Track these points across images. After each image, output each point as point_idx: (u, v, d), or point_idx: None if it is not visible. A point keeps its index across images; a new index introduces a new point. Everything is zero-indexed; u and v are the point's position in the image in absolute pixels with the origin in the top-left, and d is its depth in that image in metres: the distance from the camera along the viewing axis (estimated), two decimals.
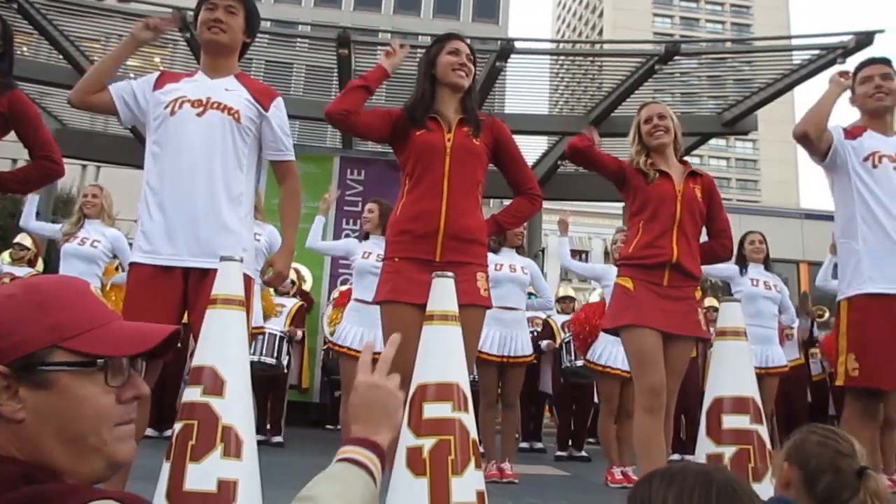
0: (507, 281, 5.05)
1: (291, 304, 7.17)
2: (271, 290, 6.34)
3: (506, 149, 3.02)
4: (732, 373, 2.43)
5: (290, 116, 2.97)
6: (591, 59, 10.87)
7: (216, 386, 2.06)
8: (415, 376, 2.15)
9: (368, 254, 4.98)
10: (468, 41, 3.02)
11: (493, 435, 5.09)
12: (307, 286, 8.47)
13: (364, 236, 5.19)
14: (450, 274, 2.27)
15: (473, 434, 2.11)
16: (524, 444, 7.47)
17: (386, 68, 2.95)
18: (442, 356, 2.19)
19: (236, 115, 2.66)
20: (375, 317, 3.06)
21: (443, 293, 2.25)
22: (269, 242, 5.25)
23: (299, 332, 7.16)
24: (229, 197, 2.63)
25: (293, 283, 7.42)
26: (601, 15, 73.36)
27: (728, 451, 2.31)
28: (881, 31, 8.37)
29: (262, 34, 9.86)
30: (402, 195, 2.91)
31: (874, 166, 3.02)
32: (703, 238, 3.34)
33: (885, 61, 3.20)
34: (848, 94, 3.21)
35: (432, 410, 2.10)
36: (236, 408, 2.06)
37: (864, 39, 8.49)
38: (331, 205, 5.44)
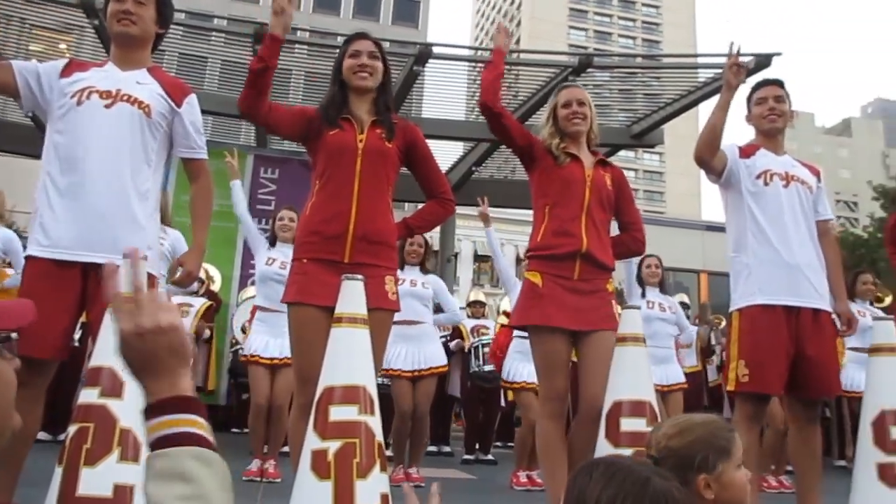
0: (408, 296, 5.04)
1: (199, 304, 6.99)
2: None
3: (419, 152, 3.01)
4: (631, 378, 2.53)
5: (203, 112, 2.89)
6: (507, 67, 11.02)
7: (114, 387, 2.00)
8: (322, 379, 2.15)
9: (273, 260, 4.88)
10: (374, 39, 2.97)
11: (406, 441, 5.11)
12: (216, 287, 8.27)
13: (272, 241, 5.07)
14: (359, 276, 2.27)
15: (379, 437, 2.12)
16: (432, 448, 7.49)
17: (278, 34, 2.75)
18: (350, 359, 2.19)
19: (147, 110, 2.58)
20: (280, 323, 3.00)
21: (352, 295, 2.26)
22: (172, 248, 5.05)
23: (207, 330, 6.99)
24: (137, 192, 2.56)
25: (202, 282, 7.24)
26: (519, 24, 74.54)
27: (625, 454, 2.40)
28: (778, 54, 8.83)
29: (177, 26, 9.56)
30: (312, 195, 2.87)
31: (766, 184, 3.16)
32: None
33: (779, 84, 3.35)
34: (744, 113, 3.36)
35: (339, 413, 2.11)
36: (135, 410, 2.00)
37: (763, 61, 8.94)
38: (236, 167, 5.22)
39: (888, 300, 7.22)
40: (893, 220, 3.80)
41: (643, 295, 5.59)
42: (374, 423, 2.13)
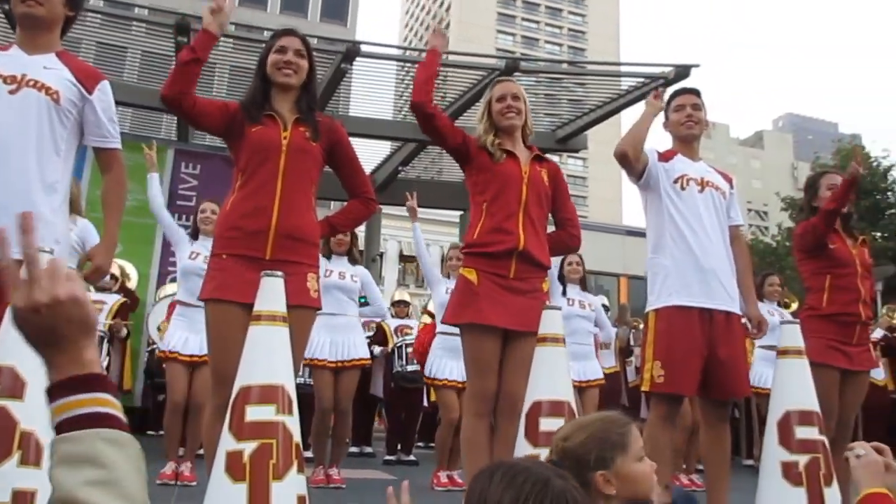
0: (335, 288, 5.00)
1: (112, 301, 6.75)
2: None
3: (342, 151, 2.98)
4: (551, 378, 2.56)
5: (122, 104, 2.80)
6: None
7: (15, 388, 1.90)
8: (238, 378, 2.09)
9: (196, 254, 4.76)
10: (303, 37, 2.92)
11: (326, 440, 5.04)
12: (132, 284, 8.00)
13: (194, 235, 4.94)
14: (279, 273, 2.23)
15: (297, 437, 2.08)
16: (354, 449, 7.44)
17: (213, 31, 2.71)
18: (268, 358, 2.15)
19: (55, 96, 2.46)
20: (201, 320, 2.91)
21: (271, 293, 2.21)
22: (81, 238, 4.85)
23: (125, 329, 6.75)
24: (43, 183, 2.43)
25: (116, 279, 6.99)
26: (447, 26, 74.84)
27: (543, 453, 2.42)
28: (696, 66, 9.18)
29: (94, 14, 9.23)
30: (233, 191, 2.80)
31: (682, 188, 3.25)
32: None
33: (696, 92, 3.46)
34: (662, 119, 3.45)
35: (255, 413, 2.06)
36: (37, 412, 1.91)
37: (682, 71, 9.27)
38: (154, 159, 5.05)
39: (794, 305, 7.55)
40: (801, 228, 3.96)
41: (564, 293, 5.67)
42: (293, 423, 2.08)
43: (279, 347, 2.16)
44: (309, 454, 5.42)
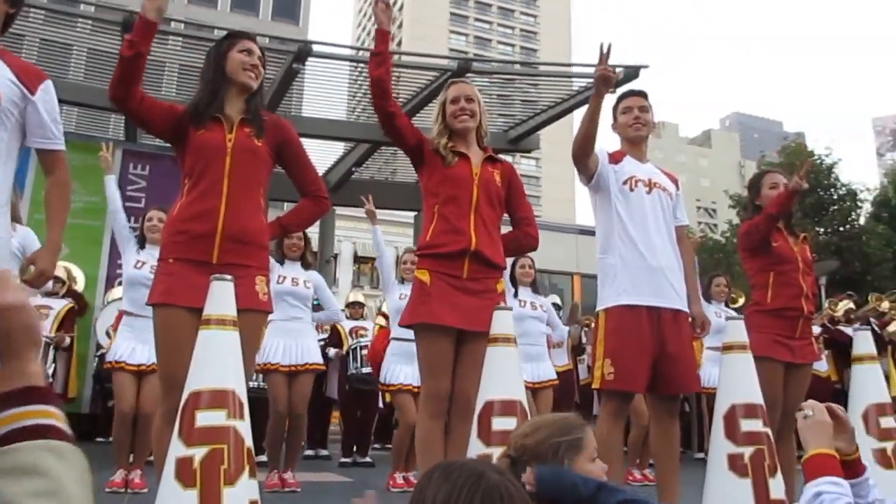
0: (288, 294, 4.97)
1: (60, 305, 6.59)
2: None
3: (291, 150, 2.95)
4: (502, 377, 2.58)
5: (68, 103, 2.74)
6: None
7: None
8: (188, 383, 2.07)
9: (142, 263, 4.69)
10: (259, 45, 2.92)
11: (281, 444, 4.99)
12: (79, 287, 7.81)
13: (140, 244, 4.86)
14: (228, 277, 2.21)
15: (248, 442, 2.06)
16: (309, 452, 7.39)
17: (151, 17, 2.60)
18: (218, 362, 2.12)
19: None
20: (148, 329, 2.85)
21: (220, 296, 2.19)
22: (22, 245, 4.73)
23: (67, 339, 6.60)
24: None
25: (63, 283, 6.83)
26: (400, 26, 74.77)
27: (496, 452, 2.45)
28: (645, 67, 9.32)
29: (38, 10, 8.97)
30: (181, 195, 2.77)
31: (631, 189, 3.30)
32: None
33: (644, 95, 3.52)
34: (610, 121, 3.51)
35: (206, 418, 2.03)
36: None
37: (632, 73, 9.40)
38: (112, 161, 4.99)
39: (741, 301, 7.73)
40: (745, 227, 4.06)
41: (516, 294, 5.72)
42: (244, 427, 2.07)
43: (229, 351, 2.14)
44: (263, 458, 5.38)
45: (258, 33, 3.08)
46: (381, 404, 7.22)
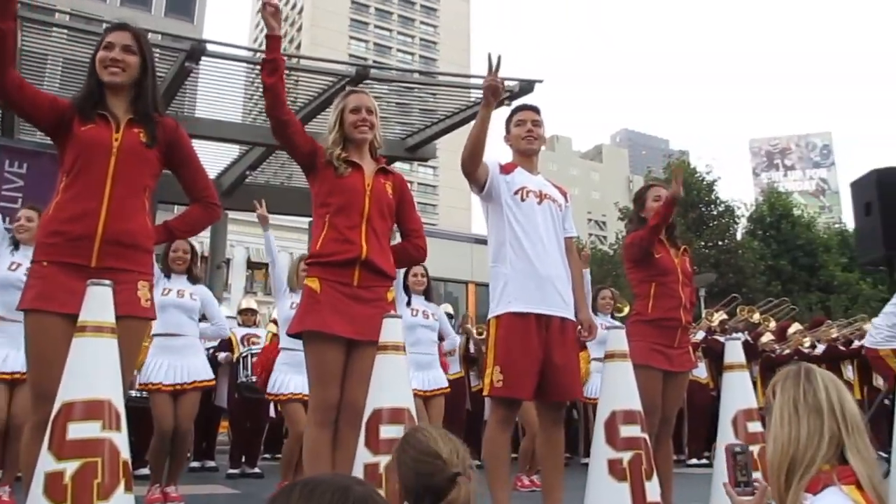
0: (174, 307, 4.81)
1: None
2: None
3: (181, 153, 2.85)
4: (391, 386, 2.59)
5: None
6: (287, 72, 10.87)
7: None
8: (60, 394, 1.96)
9: (17, 265, 4.42)
10: (136, 31, 2.75)
11: (164, 458, 4.81)
12: None
13: (15, 245, 4.59)
14: (106, 282, 2.11)
15: (125, 455, 1.98)
16: (195, 463, 7.16)
17: None
18: (93, 371, 2.03)
19: None
20: (22, 334, 2.69)
21: (97, 302, 2.09)
22: None
23: None
24: None
25: None
26: (300, 29, 73.82)
27: (383, 460, 2.45)
28: (540, 81, 9.58)
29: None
30: (56, 193, 2.61)
31: (522, 200, 3.38)
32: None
33: (537, 110, 3.61)
34: (503, 132, 3.59)
35: (78, 430, 1.94)
36: None
37: (527, 86, 9.64)
38: None
39: (626, 310, 8.04)
40: (630, 239, 4.23)
41: (409, 303, 5.73)
42: (120, 439, 1.98)
43: (106, 360, 2.04)
44: (145, 471, 5.17)
45: (149, 29, 2.94)
46: (271, 413, 7.08)
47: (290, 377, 5.04)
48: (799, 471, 1.65)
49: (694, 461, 8.06)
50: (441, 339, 6.15)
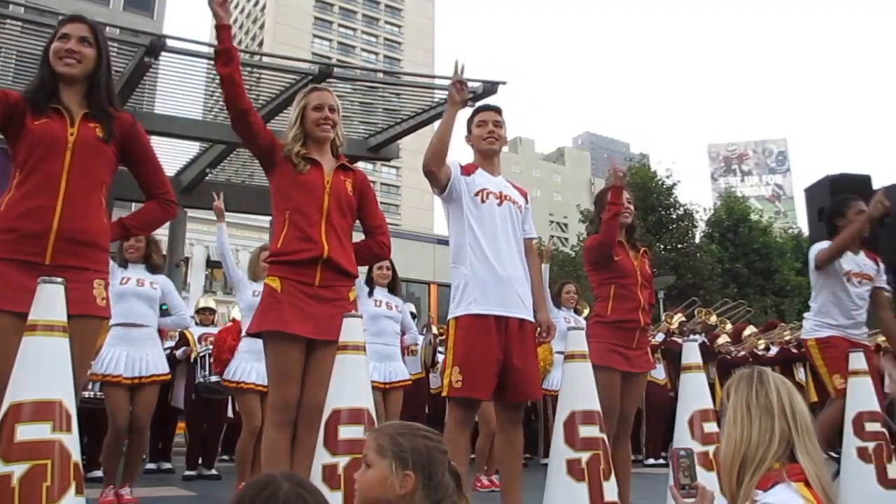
0: (132, 296, 4.71)
1: None
2: None
3: (138, 149, 2.79)
4: (351, 385, 2.57)
5: None
6: (248, 69, 10.77)
7: None
8: (8, 395, 1.91)
9: None
10: (92, 24, 2.69)
11: (118, 459, 4.71)
12: None
13: None
14: (59, 279, 2.06)
15: (76, 457, 1.93)
16: (151, 465, 7.03)
17: None
18: (44, 371, 1.97)
19: None
20: None
21: (49, 300, 2.04)
22: None
23: None
24: None
25: None
26: (262, 27, 73.14)
27: (342, 461, 2.43)
28: (503, 83, 9.62)
29: None
30: (9, 189, 2.54)
31: (483, 201, 3.38)
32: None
33: (499, 111, 3.62)
34: (465, 133, 3.58)
35: (27, 432, 1.89)
36: None
37: (490, 88, 9.67)
38: None
39: (587, 311, 8.11)
40: (590, 242, 4.25)
41: (371, 294, 5.70)
42: (71, 441, 1.93)
43: (57, 359, 1.99)
44: (100, 474, 5.06)
45: (107, 23, 2.87)
46: (229, 414, 6.99)
47: (252, 365, 4.94)
48: (750, 468, 1.72)
49: (652, 461, 8.16)
50: (403, 332, 6.13)
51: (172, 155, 11.73)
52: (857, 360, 3.98)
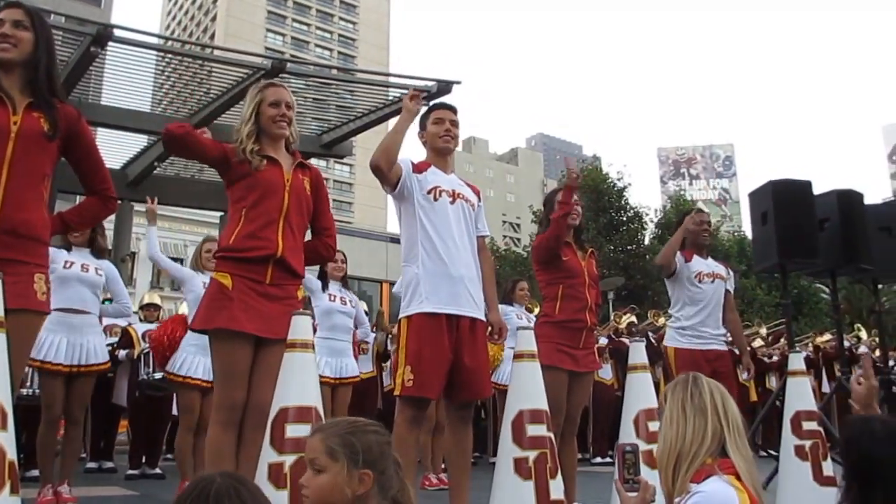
0: (76, 281, 4.57)
1: None
2: None
3: (80, 142, 2.71)
4: (299, 384, 2.55)
5: None
6: (200, 62, 10.60)
7: None
8: None
9: None
10: (27, 8, 2.60)
11: (54, 454, 4.58)
12: None
13: None
14: None
15: (11, 455, 1.88)
16: (92, 464, 6.87)
17: None
18: None
19: None
20: None
21: None
22: None
23: None
24: None
25: None
26: (214, 19, 72.00)
27: (289, 460, 2.41)
28: (458, 83, 9.67)
29: None
30: None
31: (435, 199, 3.38)
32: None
33: (454, 110, 3.62)
34: (418, 129, 3.58)
35: None
36: None
37: (445, 87, 9.71)
38: None
39: (537, 310, 8.19)
40: (538, 241, 4.30)
41: (324, 288, 5.66)
42: (7, 439, 1.87)
43: None
44: (35, 473, 4.92)
45: (52, 11, 2.79)
46: (174, 411, 6.86)
47: (199, 359, 4.82)
48: (685, 464, 1.85)
49: (598, 459, 8.28)
50: (356, 326, 6.09)
51: (119, 147, 11.49)
52: (796, 361, 4.11)
